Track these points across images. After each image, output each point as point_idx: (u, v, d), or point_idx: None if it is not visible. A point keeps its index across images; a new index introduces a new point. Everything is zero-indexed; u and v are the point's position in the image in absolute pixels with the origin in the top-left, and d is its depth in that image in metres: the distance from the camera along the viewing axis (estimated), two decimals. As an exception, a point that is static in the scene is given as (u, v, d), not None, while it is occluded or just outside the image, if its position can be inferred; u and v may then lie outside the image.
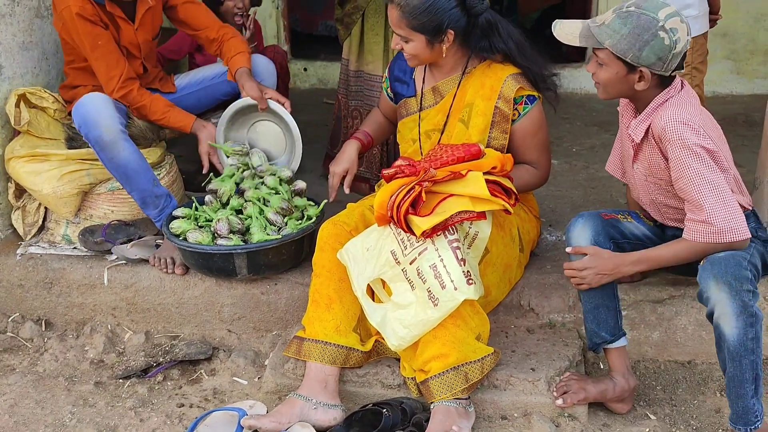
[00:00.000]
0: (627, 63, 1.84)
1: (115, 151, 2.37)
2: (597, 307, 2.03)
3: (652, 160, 1.98)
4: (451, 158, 2.00)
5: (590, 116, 4.59)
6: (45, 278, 2.55)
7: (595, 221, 2.02)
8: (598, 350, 2.09)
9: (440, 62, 2.25)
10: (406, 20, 2.11)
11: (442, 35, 2.14)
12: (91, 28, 2.45)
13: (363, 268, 2.06)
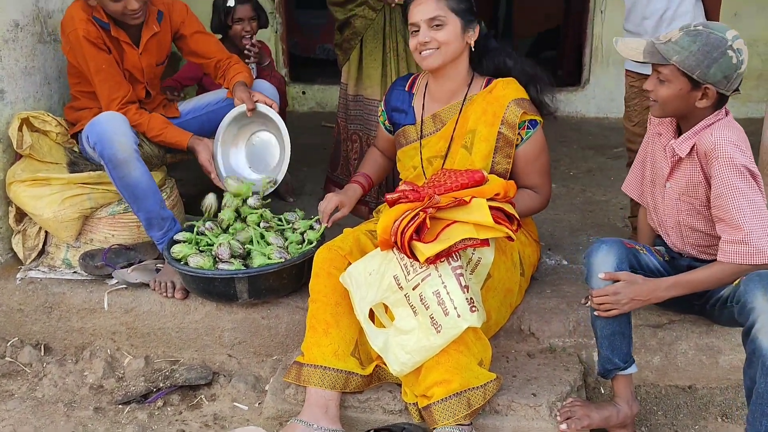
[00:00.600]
0: (692, 80, 1.88)
1: (127, 170, 2.39)
2: (613, 334, 2.03)
3: (691, 178, 2.00)
4: (455, 184, 2.01)
5: (586, 139, 4.63)
6: (45, 302, 2.54)
7: (619, 248, 2.03)
8: (608, 376, 2.09)
9: (451, 72, 2.28)
10: (446, 1, 2.19)
11: (474, 24, 2.24)
12: (95, 51, 2.49)
13: (365, 292, 2.06)
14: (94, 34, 2.48)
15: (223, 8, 3.27)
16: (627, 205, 3.36)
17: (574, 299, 2.41)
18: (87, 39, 2.46)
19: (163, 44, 2.72)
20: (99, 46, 2.49)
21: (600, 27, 5.06)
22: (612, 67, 5.13)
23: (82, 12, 2.49)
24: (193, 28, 2.75)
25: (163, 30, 2.68)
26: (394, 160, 2.61)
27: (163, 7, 2.68)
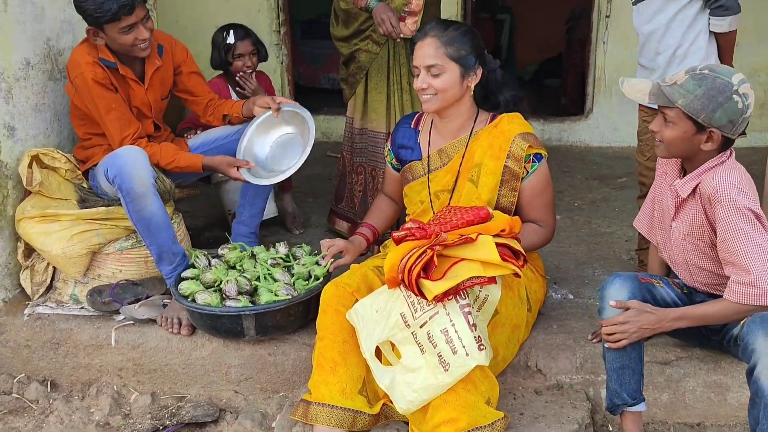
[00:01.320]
0: (697, 123, 1.90)
1: (144, 204, 2.41)
2: (623, 368, 2.03)
3: (694, 220, 2.01)
4: (461, 221, 2.03)
5: (590, 169, 4.65)
6: (52, 338, 2.55)
7: (632, 283, 2.04)
8: (615, 411, 2.08)
9: (454, 112, 2.32)
10: (444, 48, 2.22)
11: (474, 70, 2.26)
12: (103, 92, 2.53)
13: (372, 329, 2.07)
14: (101, 75, 2.53)
15: (223, 45, 3.32)
16: (632, 238, 3.37)
17: (580, 335, 2.41)
18: (95, 81, 2.50)
19: (165, 79, 2.77)
20: (107, 87, 2.54)
21: (602, 57, 5.12)
22: (615, 97, 5.18)
23: (87, 55, 2.53)
24: (191, 68, 2.85)
25: (165, 64, 2.74)
26: (401, 204, 2.63)
27: (164, 42, 2.74)
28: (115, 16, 2.41)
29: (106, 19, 2.43)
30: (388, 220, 2.65)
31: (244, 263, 2.49)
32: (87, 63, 2.52)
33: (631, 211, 3.74)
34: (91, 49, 2.55)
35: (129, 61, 2.62)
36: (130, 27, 2.47)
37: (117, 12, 2.41)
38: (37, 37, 2.75)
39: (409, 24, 2.92)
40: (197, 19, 5.27)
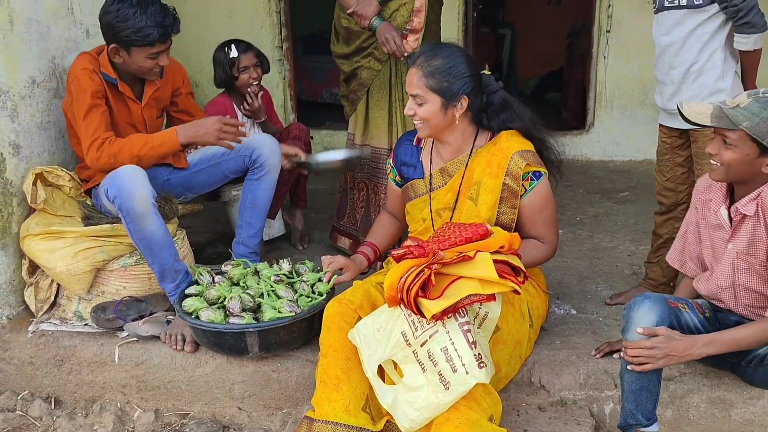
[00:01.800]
0: (761, 145, 1.90)
1: (144, 223, 2.42)
2: (641, 390, 2.03)
3: (754, 235, 2.01)
4: (459, 239, 2.03)
5: (592, 184, 4.67)
6: (56, 356, 2.56)
7: (662, 306, 2.02)
8: (628, 431, 2.08)
9: (448, 137, 2.33)
10: (425, 80, 2.21)
11: (457, 100, 2.23)
12: (90, 98, 2.52)
13: (374, 349, 2.07)
14: (97, 83, 2.55)
15: (227, 60, 3.34)
16: (635, 252, 3.38)
17: (584, 351, 2.41)
18: (87, 87, 2.52)
19: (161, 99, 2.80)
20: (97, 96, 2.55)
21: (603, 72, 5.14)
22: (616, 111, 5.20)
23: (87, 63, 2.56)
24: (188, 89, 2.91)
25: (164, 85, 2.77)
26: (404, 220, 2.63)
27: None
28: (151, 42, 2.46)
29: (141, 43, 2.47)
30: (391, 237, 2.66)
31: (248, 280, 2.50)
32: (84, 69, 2.54)
33: (633, 226, 3.77)
34: (92, 60, 2.58)
35: (129, 79, 2.64)
36: (158, 54, 2.51)
37: (155, 39, 2.46)
38: (42, 56, 2.78)
39: (411, 41, 2.95)
40: (200, 35, 5.31)
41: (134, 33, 2.46)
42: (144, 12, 2.44)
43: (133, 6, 2.45)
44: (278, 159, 2.82)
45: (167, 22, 2.48)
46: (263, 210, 2.85)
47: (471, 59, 2.30)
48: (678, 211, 2.72)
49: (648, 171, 4.95)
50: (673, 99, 2.53)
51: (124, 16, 2.45)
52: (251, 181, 2.82)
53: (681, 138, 2.64)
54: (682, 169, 2.69)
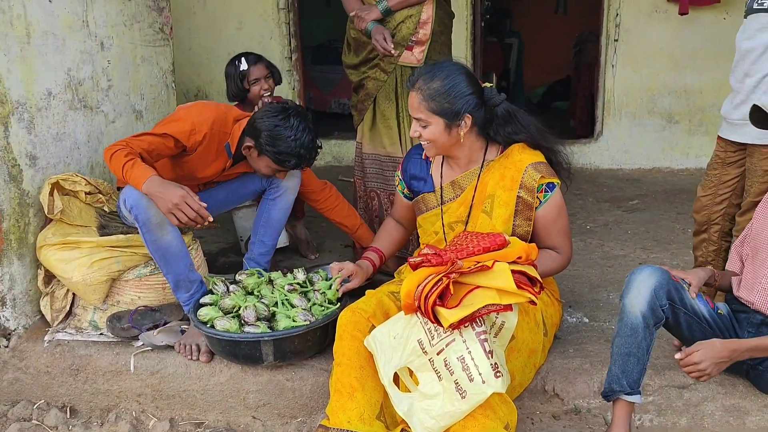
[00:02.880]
0: None
1: (160, 234, 2.44)
2: (628, 355, 2.05)
3: None
4: (477, 248, 2.04)
5: (601, 192, 4.67)
6: (71, 365, 2.57)
7: (662, 274, 2.05)
8: (611, 398, 2.09)
9: (458, 152, 2.33)
10: (426, 103, 2.22)
11: (460, 119, 2.23)
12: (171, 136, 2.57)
13: (390, 356, 2.08)
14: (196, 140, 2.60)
15: (238, 74, 3.36)
16: (646, 261, 3.39)
17: (597, 359, 2.41)
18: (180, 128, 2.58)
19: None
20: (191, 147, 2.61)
21: (611, 80, 5.16)
22: (625, 120, 5.22)
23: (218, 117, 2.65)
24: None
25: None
26: (411, 228, 2.66)
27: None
28: (284, 166, 2.56)
29: (275, 162, 2.56)
30: (396, 243, 2.68)
31: (262, 289, 2.51)
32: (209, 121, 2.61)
33: (644, 234, 3.78)
34: (226, 122, 2.67)
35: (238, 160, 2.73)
36: (280, 170, 2.61)
37: (292, 167, 2.58)
38: (58, 68, 2.81)
39: (417, 53, 2.98)
40: (210, 47, 5.37)
41: (276, 153, 2.54)
42: (296, 140, 2.50)
43: (293, 129, 2.50)
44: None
45: (309, 155, 2.55)
46: (277, 230, 2.88)
47: (470, 75, 2.29)
48: (711, 232, 2.67)
49: (657, 179, 4.97)
50: (739, 109, 2.44)
51: (278, 134, 2.51)
52: (267, 201, 2.86)
53: (736, 154, 2.55)
54: (725, 188, 2.61)
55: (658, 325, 2.06)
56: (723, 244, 2.68)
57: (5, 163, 2.56)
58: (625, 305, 2.06)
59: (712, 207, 2.66)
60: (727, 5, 4.84)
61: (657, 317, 2.04)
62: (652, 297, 2.03)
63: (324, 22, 7.72)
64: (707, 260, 2.69)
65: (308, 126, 2.56)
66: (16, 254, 2.63)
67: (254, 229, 2.88)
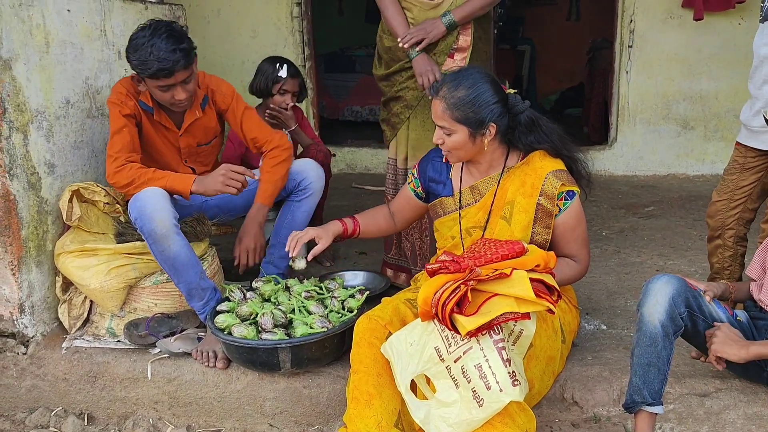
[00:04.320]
0: None
1: (167, 244, 2.44)
2: (648, 365, 2.03)
3: None
4: (495, 256, 2.03)
5: (616, 198, 4.65)
6: (89, 372, 2.58)
7: (679, 282, 2.04)
8: (633, 409, 2.07)
9: (480, 159, 2.33)
10: (450, 112, 2.20)
11: (485, 128, 2.22)
12: (120, 116, 2.58)
13: (406, 363, 2.07)
14: (129, 108, 2.59)
15: (273, 76, 3.33)
16: (663, 267, 3.36)
17: (616, 366, 2.39)
18: (116, 111, 2.57)
19: (208, 127, 2.81)
20: (127, 119, 2.58)
21: (626, 87, 5.14)
22: (639, 126, 5.19)
23: (122, 87, 2.62)
24: (239, 113, 2.81)
25: (207, 115, 2.77)
26: (399, 225, 2.63)
27: (209, 92, 2.77)
28: (153, 75, 2.46)
29: (145, 75, 2.49)
30: (378, 229, 2.62)
31: (279, 296, 2.51)
32: (119, 93, 2.60)
33: (660, 241, 3.75)
34: (131, 86, 2.63)
35: (168, 107, 2.66)
36: (168, 87, 2.51)
37: (155, 72, 2.45)
38: (76, 77, 2.84)
39: (458, 60, 2.84)
40: (225, 55, 5.40)
41: (139, 65, 2.47)
42: (151, 44, 2.42)
43: (146, 36, 2.44)
44: (322, 183, 2.85)
45: (173, 57, 2.43)
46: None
47: (495, 83, 2.26)
48: (726, 237, 2.64)
49: (672, 186, 4.94)
50: (759, 116, 2.43)
51: (135, 45, 2.47)
52: (292, 202, 2.84)
53: (756, 160, 2.52)
54: (741, 193, 2.58)
55: (677, 334, 2.04)
56: (738, 249, 2.65)
57: (24, 171, 2.58)
58: (643, 315, 2.04)
59: (727, 212, 2.63)
60: (742, 11, 4.82)
61: (676, 326, 2.02)
62: (671, 305, 2.01)
63: (337, 31, 7.77)
64: (723, 266, 2.66)
65: (168, 31, 2.45)
66: (34, 261, 2.65)
67: (276, 231, 2.86)
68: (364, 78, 7.00)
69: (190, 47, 2.51)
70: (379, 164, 5.55)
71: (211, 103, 2.78)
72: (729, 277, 2.65)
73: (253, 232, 2.73)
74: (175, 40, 2.45)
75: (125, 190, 2.56)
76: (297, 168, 2.84)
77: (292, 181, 2.82)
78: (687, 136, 5.16)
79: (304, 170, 2.83)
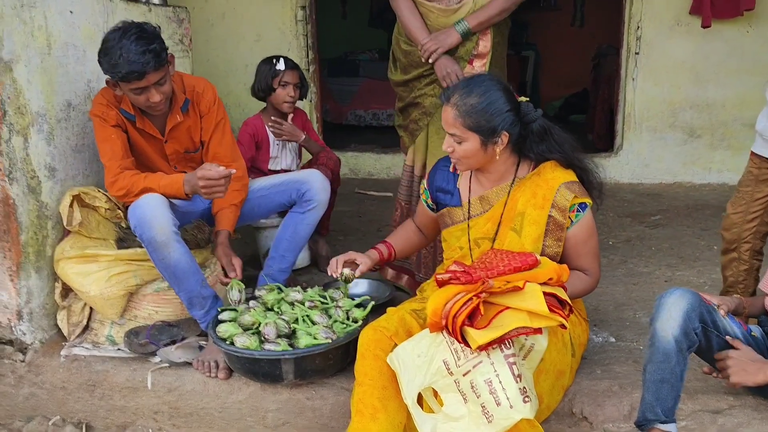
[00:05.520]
0: None
1: (166, 252, 2.39)
2: (662, 382, 1.98)
3: None
4: (508, 268, 1.98)
5: (622, 207, 4.60)
6: (88, 380, 2.54)
7: (694, 296, 1.99)
8: (645, 427, 2.01)
9: (490, 168, 2.28)
10: (462, 119, 2.15)
11: (497, 137, 2.17)
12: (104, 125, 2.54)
13: (413, 375, 2.02)
14: (113, 117, 2.54)
15: (272, 71, 3.30)
16: (671, 278, 3.31)
17: (626, 381, 2.34)
18: (99, 124, 2.53)
19: (193, 131, 2.73)
20: (111, 125, 2.54)
21: (632, 94, 5.10)
22: (645, 134, 5.15)
23: (103, 98, 2.56)
24: (213, 120, 2.73)
25: (191, 119, 2.70)
26: (430, 237, 2.59)
27: (192, 95, 2.69)
28: (124, 78, 2.39)
29: (116, 78, 2.42)
30: (412, 246, 2.60)
31: (282, 305, 2.47)
32: (99, 104, 2.55)
33: (668, 251, 3.70)
34: (112, 95, 2.57)
35: (150, 114, 2.60)
36: (141, 90, 2.43)
37: (126, 75, 2.37)
38: (78, 79, 2.80)
39: (477, 66, 2.77)
40: (228, 59, 5.36)
41: (109, 69, 2.40)
42: (120, 47, 2.34)
43: (116, 39, 2.37)
44: (327, 196, 2.79)
45: (142, 59, 2.34)
46: (300, 245, 2.80)
47: (508, 90, 2.22)
48: (742, 251, 2.59)
49: (679, 194, 4.90)
50: None
51: (105, 48, 2.40)
52: (296, 214, 2.77)
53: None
54: (757, 205, 2.53)
55: (691, 350, 1.99)
56: (754, 263, 2.60)
57: (24, 174, 2.54)
58: (657, 330, 1.99)
59: (743, 225, 2.57)
60: (750, 18, 4.78)
61: (690, 341, 1.97)
62: (685, 320, 1.96)
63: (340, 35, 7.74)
64: (738, 280, 2.61)
65: (138, 32, 2.39)
66: (33, 267, 2.60)
67: (276, 243, 2.80)
68: (367, 82, 6.97)
69: (161, 48, 2.42)
70: (382, 169, 5.51)
71: (194, 107, 2.71)
72: (743, 291, 2.60)
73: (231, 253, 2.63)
74: (145, 42, 2.37)
75: (123, 200, 2.52)
76: (302, 177, 2.78)
77: (296, 190, 2.76)
78: (693, 144, 5.11)
79: (309, 181, 2.76)
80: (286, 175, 2.89)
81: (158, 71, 2.42)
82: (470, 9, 2.69)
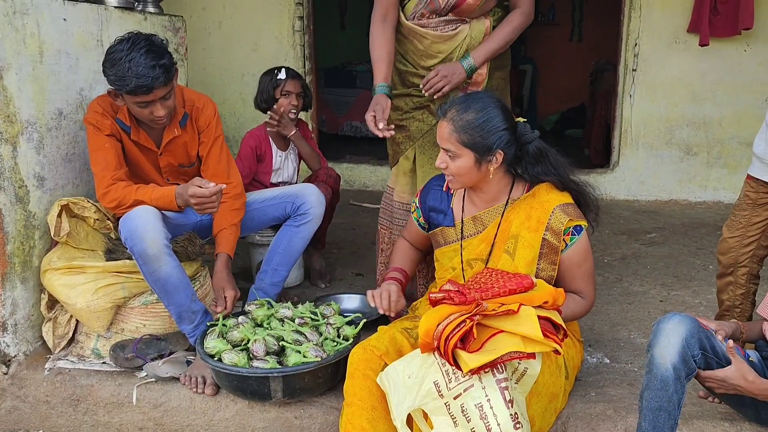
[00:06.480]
0: None
1: (157, 265, 2.35)
2: (659, 410, 1.93)
3: None
4: (503, 290, 1.94)
5: (618, 223, 4.58)
6: (72, 395, 2.48)
7: (692, 322, 1.94)
8: None
9: (483, 187, 2.24)
10: (457, 135, 2.12)
11: (492, 155, 2.14)
12: (98, 133, 2.49)
13: (403, 396, 1.98)
14: (108, 127, 2.50)
15: (274, 81, 3.29)
16: (667, 298, 3.28)
17: (621, 404, 2.30)
18: (94, 126, 2.48)
19: (190, 146, 2.69)
20: (105, 134, 2.50)
21: (629, 110, 5.09)
22: (642, 150, 5.14)
23: (98, 106, 2.52)
24: (212, 135, 2.70)
25: (189, 134, 2.67)
26: (424, 251, 2.56)
27: (191, 110, 2.66)
28: (131, 92, 2.35)
29: (123, 91, 2.39)
30: (414, 263, 2.55)
31: (272, 321, 2.42)
32: (95, 112, 2.51)
33: (663, 269, 3.67)
34: (107, 104, 2.53)
35: (147, 126, 2.57)
36: (147, 103, 2.40)
37: (133, 89, 2.34)
38: (70, 87, 2.76)
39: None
40: (225, 68, 5.34)
41: (116, 81, 2.36)
42: (129, 59, 2.30)
43: (124, 51, 2.33)
44: (322, 210, 2.75)
45: (152, 73, 2.31)
46: (293, 259, 2.75)
47: (505, 109, 2.19)
48: (738, 275, 2.54)
49: (675, 212, 4.88)
50: None
51: (112, 59, 2.36)
52: (290, 227, 2.74)
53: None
54: (754, 229, 2.50)
55: (689, 377, 1.95)
56: (751, 287, 2.57)
57: (12, 183, 2.49)
58: (654, 356, 1.94)
59: (740, 249, 2.54)
60: (748, 37, 4.78)
61: (689, 368, 1.93)
62: (684, 347, 1.92)
63: (338, 45, 7.72)
64: (734, 304, 2.58)
65: (147, 45, 2.34)
66: (19, 278, 2.55)
67: (269, 256, 2.75)
68: (364, 93, 6.95)
69: (170, 63, 2.40)
70: (378, 181, 5.47)
71: (192, 122, 2.67)
72: (740, 315, 2.57)
73: (233, 282, 2.58)
74: (155, 56, 2.34)
75: (114, 211, 2.48)
76: (297, 191, 2.75)
77: (291, 204, 2.73)
78: (689, 161, 5.10)
79: (304, 194, 2.73)
80: (281, 189, 2.85)
81: (166, 86, 2.40)
82: (466, 35, 2.64)
